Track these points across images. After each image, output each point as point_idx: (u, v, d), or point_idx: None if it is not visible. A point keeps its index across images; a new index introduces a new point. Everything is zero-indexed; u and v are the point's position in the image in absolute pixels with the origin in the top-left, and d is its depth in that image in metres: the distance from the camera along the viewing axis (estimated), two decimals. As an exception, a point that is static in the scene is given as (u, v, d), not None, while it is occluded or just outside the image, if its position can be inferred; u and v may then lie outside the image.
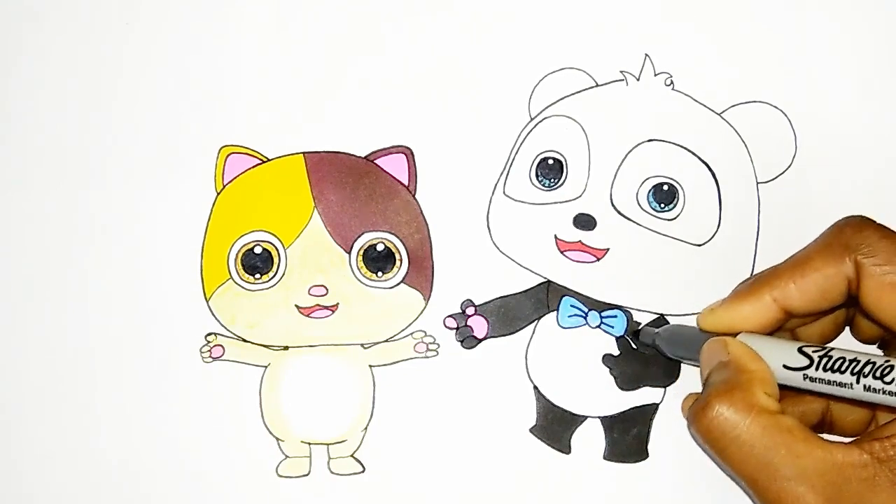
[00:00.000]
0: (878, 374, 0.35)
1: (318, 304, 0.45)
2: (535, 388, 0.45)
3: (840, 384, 0.36)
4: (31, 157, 0.46)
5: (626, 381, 0.45)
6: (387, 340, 0.45)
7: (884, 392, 0.35)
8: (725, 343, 0.39)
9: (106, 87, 0.46)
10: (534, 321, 0.45)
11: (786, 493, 0.35)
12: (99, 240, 0.45)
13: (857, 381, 0.35)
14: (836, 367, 0.36)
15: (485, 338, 0.45)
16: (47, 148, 0.46)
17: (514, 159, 0.46)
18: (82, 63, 0.46)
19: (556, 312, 0.45)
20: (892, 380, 0.34)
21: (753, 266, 0.45)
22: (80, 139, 0.46)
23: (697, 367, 0.41)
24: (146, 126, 0.46)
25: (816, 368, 0.36)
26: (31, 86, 0.46)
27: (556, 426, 0.45)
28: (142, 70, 0.46)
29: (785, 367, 0.37)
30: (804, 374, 0.37)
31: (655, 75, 0.46)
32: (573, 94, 0.46)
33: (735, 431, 0.36)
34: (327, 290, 0.45)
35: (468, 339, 0.45)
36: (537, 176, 0.46)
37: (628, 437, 0.45)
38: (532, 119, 0.46)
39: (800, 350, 0.37)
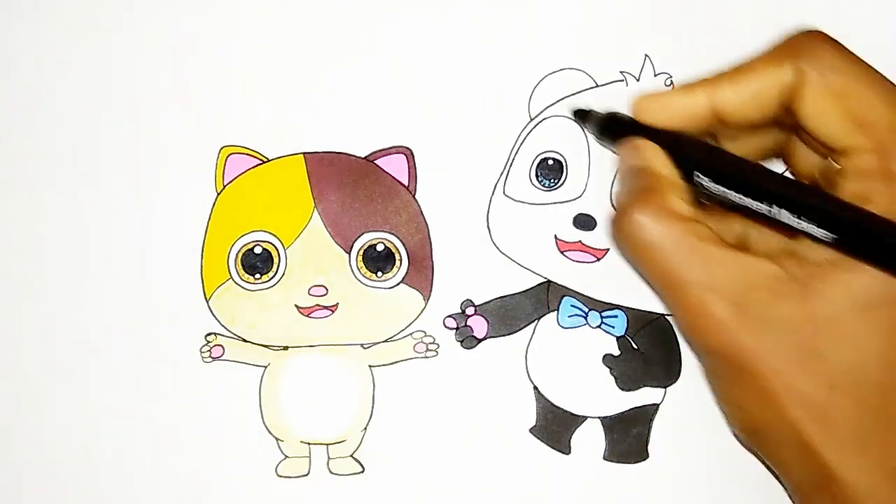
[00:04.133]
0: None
1: (318, 304, 0.45)
2: (535, 388, 0.45)
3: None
4: (31, 157, 0.46)
5: (627, 382, 0.45)
6: (386, 340, 0.45)
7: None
8: (638, 147, 0.38)
9: (105, 86, 0.46)
10: (534, 321, 0.45)
11: (694, 298, 0.35)
12: (99, 240, 0.45)
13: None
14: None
15: (485, 338, 0.45)
16: (47, 148, 0.46)
17: (514, 159, 0.46)
18: (82, 63, 0.46)
19: (556, 312, 0.45)
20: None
21: (754, 266, 0.45)
22: (79, 139, 0.46)
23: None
24: (146, 126, 0.46)
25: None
26: (30, 86, 0.46)
27: (556, 426, 0.45)
28: (141, 70, 0.46)
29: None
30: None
31: (655, 75, 0.46)
32: (573, 94, 0.46)
33: (649, 236, 0.35)
34: (327, 290, 0.45)
35: (468, 339, 0.45)
36: (537, 176, 0.46)
37: (628, 438, 0.45)
38: (532, 119, 0.46)
39: None
